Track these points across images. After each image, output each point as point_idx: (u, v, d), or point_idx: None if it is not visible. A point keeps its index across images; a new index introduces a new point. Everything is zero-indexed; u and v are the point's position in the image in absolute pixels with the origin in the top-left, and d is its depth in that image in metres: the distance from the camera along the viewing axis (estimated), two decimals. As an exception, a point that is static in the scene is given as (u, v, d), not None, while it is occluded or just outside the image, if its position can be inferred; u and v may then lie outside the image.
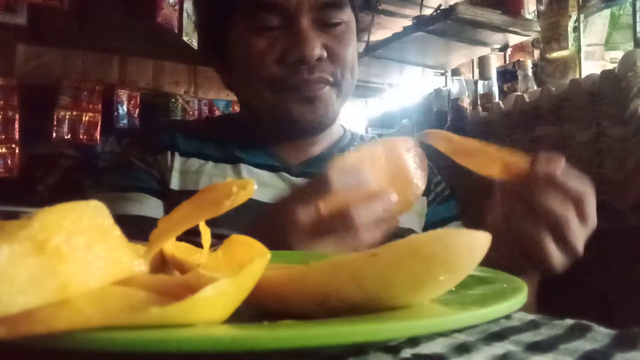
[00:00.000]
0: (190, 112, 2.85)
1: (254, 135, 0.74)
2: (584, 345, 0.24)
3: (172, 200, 0.67)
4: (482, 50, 1.73)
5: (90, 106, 2.62)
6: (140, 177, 0.70)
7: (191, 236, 0.30)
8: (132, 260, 0.24)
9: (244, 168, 0.71)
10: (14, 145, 2.46)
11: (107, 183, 0.72)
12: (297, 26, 0.62)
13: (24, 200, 2.13)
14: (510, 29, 1.56)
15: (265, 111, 0.69)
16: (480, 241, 0.24)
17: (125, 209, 0.66)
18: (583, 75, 1.04)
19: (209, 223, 0.30)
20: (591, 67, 1.21)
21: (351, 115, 2.50)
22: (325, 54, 0.63)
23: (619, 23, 1.30)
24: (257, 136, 0.74)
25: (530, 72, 1.25)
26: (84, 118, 2.60)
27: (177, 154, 0.71)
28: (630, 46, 1.22)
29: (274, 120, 0.69)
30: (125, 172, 0.71)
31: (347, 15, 0.67)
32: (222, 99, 2.99)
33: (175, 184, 0.69)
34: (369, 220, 0.44)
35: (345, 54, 0.66)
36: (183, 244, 0.33)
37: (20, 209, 2.05)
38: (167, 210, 0.29)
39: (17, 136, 2.47)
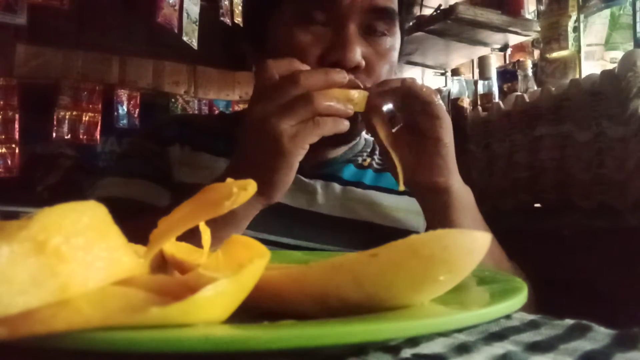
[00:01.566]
0: (190, 112, 2.85)
1: None
2: (584, 345, 0.24)
3: (180, 193, 0.66)
4: (482, 50, 1.73)
5: (90, 106, 2.62)
6: (147, 167, 0.70)
7: None
8: (132, 260, 0.24)
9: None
10: (14, 145, 2.46)
11: (114, 169, 0.72)
12: (344, 28, 0.61)
13: (24, 200, 2.13)
14: (510, 29, 1.56)
15: None
16: (480, 241, 0.24)
17: (127, 193, 0.66)
18: (583, 75, 1.03)
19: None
20: (591, 67, 1.21)
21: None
22: (363, 63, 0.61)
23: (619, 23, 1.30)
24: None
25: (530, 72, 1.25)
26: (84, 118, 2.60)
27: (187, 147, 0.71)
28: (630, 46, 1.22)
29: None
30: (133, 161, 0.72)
31: (393, 29, 0.65)
32: (222, 99, 2.99)
33: (184, 177, 0.69)
34: (317, 83, 0.50)
35: (382, 70, 0.64)
36: (183, 244, 0.33)
37: (20, 209, 2.05)
38: (175, 202, 0.29)
39: (17, 136, 2.46)
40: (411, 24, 1.70)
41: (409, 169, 0.58)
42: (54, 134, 2.54)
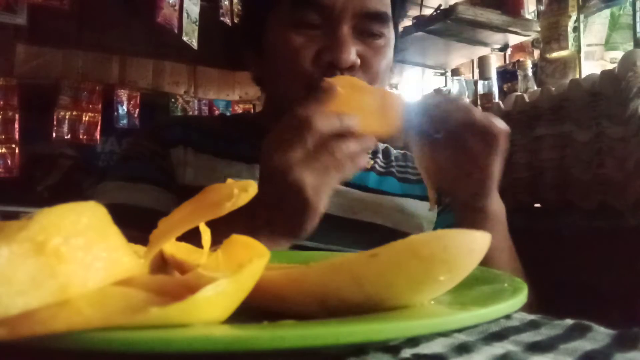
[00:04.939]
0: (190, 112, 2.84)
1: None
2: (584, 345, 0.24)
3: (184, 194, 0.65)
4: (482, 50, 1.73)
5: (90, 106, 2.61)
6: (150, 169, 0.69)
7: None
8: (132, 260, 0.24)
9: (259, 169, 0.70)
10: (14, 145, 2.46)
11: (116, 172, 0.72)
12: (337, 30, 0.62)
13: (24, 200, 2.13)
14: (510, 29, 1.56)
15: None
16: (480, 241, 0.24)
17: (132, 199, 0.65)
18: (583, 75, 1.03)
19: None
20: (591, 67, 1.21)
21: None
22: (358, 62, 0.62)
23: (618, 23, 1.30)
24: None
25: (530, 72, 1.25)
26: (84, 118, 2.60)
27: (190, 149, 0.71)
28: (630, 46, 1.22)
29: None
30: (135, 163, 0.71)
31: (387, 30, 0.67)
32: (222, 99, 2.99)
33: (188, 178, 0.69)
34: (347, 153, 0.49)
35: (379, 67, 0.65)
36: (183, 244, 0.33)
37: (20, 209, 2.05)
38: (178, 204, 0.29)
39: (17, 136, 2.46)
40: (411, 23, 1.70)
41: (447, 180, 0.57)
42: (54, 134, 2.54)
